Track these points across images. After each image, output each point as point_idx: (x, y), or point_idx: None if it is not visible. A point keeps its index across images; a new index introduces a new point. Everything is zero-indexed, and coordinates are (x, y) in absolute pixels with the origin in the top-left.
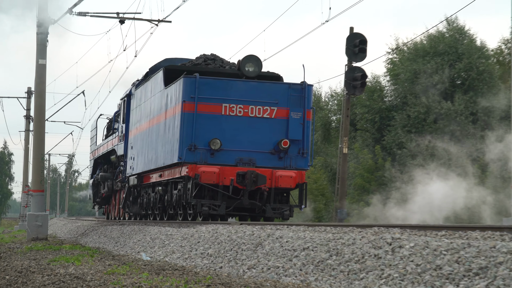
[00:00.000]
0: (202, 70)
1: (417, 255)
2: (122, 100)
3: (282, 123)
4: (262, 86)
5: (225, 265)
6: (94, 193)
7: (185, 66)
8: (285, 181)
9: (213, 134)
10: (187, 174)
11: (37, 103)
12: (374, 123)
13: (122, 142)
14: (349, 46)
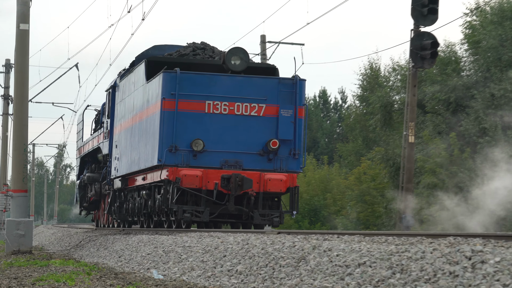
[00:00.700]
0: (188, 62)
1: (504, 273)
2: (107, 91)
3: (272, 121)
4: (249, 81)
5: (258, 285)
6: (81, 197)
7: (169, 58)
8: (274, 184)
9: (195, 134)
10: (167, 177)
11: (18, 80)
12: (448, 104)
13: (107, 139)
14: (416, 5)
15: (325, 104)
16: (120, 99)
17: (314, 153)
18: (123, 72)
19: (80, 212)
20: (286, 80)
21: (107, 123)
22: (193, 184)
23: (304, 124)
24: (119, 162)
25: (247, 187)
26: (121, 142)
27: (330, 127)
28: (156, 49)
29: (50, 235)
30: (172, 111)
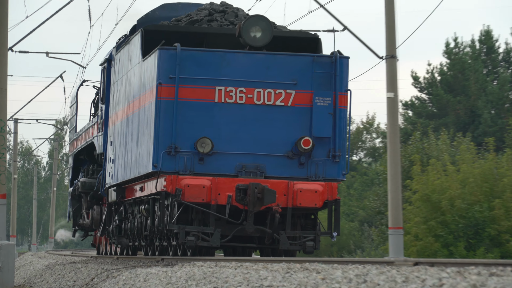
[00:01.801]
0: (200, 32)
1: None
2: (102, 66)
3: (304, 113)
4: (274, 60)
5: None
6: (74, 211)
7: (173, 26)
8: (307, 197)
9: (202, 130)
10: (164, 189)
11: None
12: None
13: (101, 132)
14: None
15: (490, 52)
16: (117, 78)
17: (473, 134)
18: (119, 42)
19: (74, 233)
20: (323, 58)
21: (101, 110)
22: (199, 198)
23: (347, 116)
24: (114, 166)
25: (270, 201)
26: (116, 138)
27: (499, 91)
28: (165, 9)
29: (43, 268)
30: (171, 101)
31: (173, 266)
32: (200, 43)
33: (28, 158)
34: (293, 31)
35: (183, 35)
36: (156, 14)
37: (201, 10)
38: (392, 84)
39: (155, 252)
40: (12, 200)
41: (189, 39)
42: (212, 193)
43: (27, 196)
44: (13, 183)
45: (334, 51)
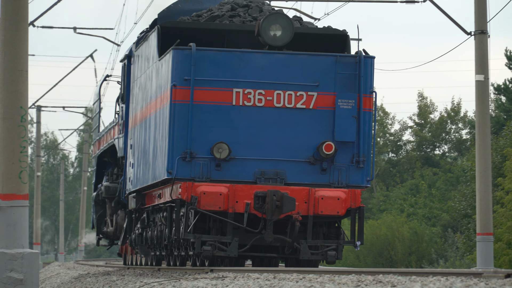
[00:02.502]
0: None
1: None
2: (122, 62)
3: (326, 116)
4: (295, 60)
5: None
6: (98, 218)
7: (192, 22)
8: (329, 205)
9: (218, 135)
10: (179, 196)
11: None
12: None
13: (122, 134)
14: None
15: None
16: (136, 76)
17: None
18: (140, 36)
19: (98, 241)
20: (347, 58)
21: (121, 110)
22: (216, 206)
23: (372, 119)
24: (134, 171)
25: (289, 209)
26: (136, 141)
27: None
28: (188, 1)
29: (72, 281)
30: (186, 104)
31: (224, 279)
32: (221, 41)
33: (54, 152)
34: (319, 28)
35: (202, 32)
36: (179, 7)
37: (223, 4)
38: (482, 65)
39: (176, 262)
40: (36, 202)
41: (209, 36)
42: (230, 201)
43: (53, 197)
44: (37, 182)
45: (359, 51)
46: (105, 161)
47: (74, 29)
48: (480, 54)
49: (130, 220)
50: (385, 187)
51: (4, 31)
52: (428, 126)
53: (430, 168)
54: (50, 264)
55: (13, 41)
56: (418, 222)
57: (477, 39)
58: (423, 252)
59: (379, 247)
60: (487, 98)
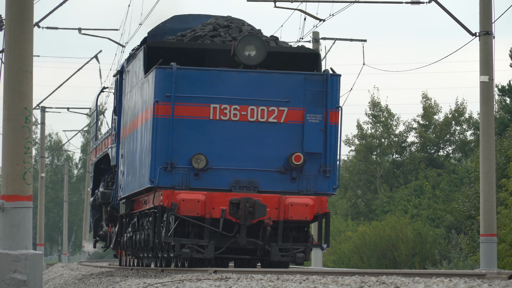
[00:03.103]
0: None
1: None
2: (115, 77)
3: (296, 129)
4: (267, 78)
5: None
6: (95, 221)
7: (175, 42)
8: (298, 211)
9: (197, 147)
10: (161, 203)
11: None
12: None
13: (115, 144)
14: None
15: None
16: (127, 91)
17: None
18: (131, 54)
19: (95, 244)
20: (315, 76)
21: (114, 121)
22: (194, 212)
23: (338, 132)
24: (124, 179)
25: (260, 215)
26: (126, 151)
27: None
28: (176, 21)
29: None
30: (167, 118)
31: (228, 280)
32: (202, 59)
33: (58, 153)
34: (293, 48)
35: (185, 51)
36: (167, 26)
37: (206, 25)
38: (487, 66)
39: (162, 263)
40: (40, 203)
41: (191, 55)
42: (207, 207)
43: (57, 198)
44: (41, 183)
45: (326, 69)
46: (102, 168)
47: (79, 30)
48: (484, 55)
49: (121, 224)
50: (389, 188)
51: (10, 32)
52: (432, 127)
53: (434, 169)
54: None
55: (18, 42)
56: (422, 223)
57: (482, 40)
58: (427, 253)
59: (382, 248)
60: (491, 99)
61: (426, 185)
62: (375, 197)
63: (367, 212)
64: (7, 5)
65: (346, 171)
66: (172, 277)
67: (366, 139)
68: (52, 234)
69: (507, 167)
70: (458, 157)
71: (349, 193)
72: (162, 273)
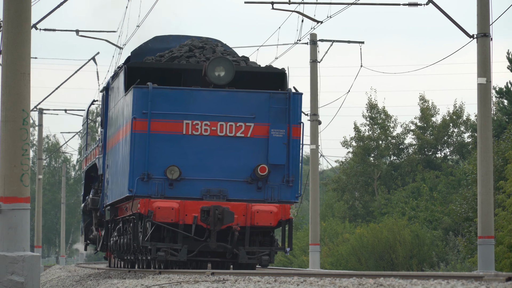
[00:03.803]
0: (178, 68)
1: None
2: (102, 93)
3: (261, 143)
4: (235, 97)
5: None
6: (86, 225)
7: (153, 63)
8: (263, 217)
9: (171, 159)
10: (138, 210)
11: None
12: None
13: (101, 154)
14: None
15: None
16: (112, 106)
17: None
18: (115, 71)
19: (86, 246)
20: (279, 94)
21: (101, 134)
22: (169, 218)
23: (300, 145)
24: (109, 187)
25: (228, 221)
26: (110, 162)
27: None
28: (157, 41)
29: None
30: (144, 133)
31: (225, 282)
32: (178, 78)
33: (55, 155)
34: (261, 67)
35: (163, 71)
36: (149, 46)
37: (183, 46)
38: (484, 68)
39: (143, 266)
40: (37, 205)
41: (168, 74)
42: (180, 214)
43: (54, 200)
44: (38, 185)
45: (289, 88)
46: (92, 176)
47: (76, 31)
48: (482, 57)
49: (107, 229)
50: (386, 190)
51: (7, 34)
52: (430, 129)
53: (431, 171)
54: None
55: (15, 44)
56: (420, 225)
57: (479, 42)
58: (424, 255)
59: (380, 250)
60: (489, 101)
61: (423, 187)
62: (373, 199)
63: (365, 214)
64: (5, 7)
65: (343, 173)
66: (170, 279)
67: (364, 141)
68: (50, 236)
69: (505, 169)
70: (455, 159)
71: (347, 195)
72: (160, 275)
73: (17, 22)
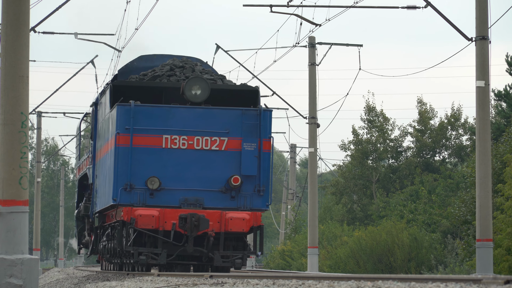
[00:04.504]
0: (160, 87)
1: None
2: (91, 107)
3: (234, 156)
4: (210, 113)
5: None
6: (79, 231)
7: (137, 82)
8: (236, 224)
9: (152, 171)
10: (122, 218)
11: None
12: None
13: (91, 165)
14: None
15: None
16: (100, 120)
17: None
18: (104, 88)
19: (79, 250)
20: (250, 111)
21: (91, 146)
22: (149, 225)
23: (270, 158)
24: (98, 196)
25: (204, 227)
26: (98, 173)
27: None
28: (142, 60)
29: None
30: (127, 147)
31: (224, 285)
32: (160, 95)
33: (54, 158)
34: (235, 85)
35: (145, 89)
36: (134, 65)
37: (164, 65)
38: (483, 71)
39: (128, 268)
40: (36, 208)
41: (150, 92)
42: (160, 221)
43: (53, 203)
44: (37, 188)
45: (259, 106)
46: (85, 184)
47: (75, 34)
48: (481, 60)
49: (96, 234)
50: (385, 193)
51: (5, 37)
52: (429, 132)
53: (430, 174)
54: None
55: (14, 47)
56: (418, 228)
57: (478, 45)
58: (423, 258)
59: (378, 253)
60: (487, 104)
61: (422, 190)
62: (371, 202)
63: (363, 217)
64: (3, 10)
65: (342, 177)
66: (168, 281)
67: (362, 144)
68: (48, 239)
69: (503, 172)
70: (454, 162)
71: (345, 199)
72: (158, 278)
73: (16, 25)
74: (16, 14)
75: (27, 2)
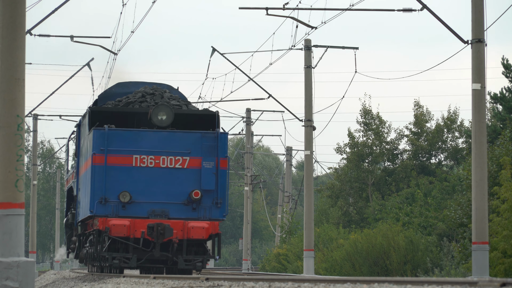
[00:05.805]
0: (132, 112)
1: None
2: (75, 128)
3: (195, 173)
4: (174, 136)
5: None
6: (68, 237)
7: (112, 108)
8: (197, 232)
9: (124, 186)
10: (98, 227)
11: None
12: None
13: (76, 179)
14: None
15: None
16: (82, 141)
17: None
18: (86, 111)
19: (68, 254)
20: (209, 134)
21: (75, 162)
22: (122, 233)
23: (226, 174)
24: (80, 206)
25: (169, 235)
26: (81, 186)
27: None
28: (120, 87)
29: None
30: (102, 166)
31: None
32: (132, 120)
33: (50, 161)
34: (198, 110)
35: (120, 114)
36: (113, 91)
37: (137, 92)
38: (479, 74)
39: (106, 271)
40: (32, 210)
41: (124, 116)
42: (131, 230)
43: (49, 206)
44: (33, 190)
45: (217, 130)
46: (72, 195)
47: (71, 37)
48: (477, 62)
49: (79, 241)
50: (380, 196)
51: (1, 39)
52: (424, 135)
53: (426, 177)
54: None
55: (10, 50)
56: (414, 231)
57: (474, 48)
58: (419, 261)
59: (374, 256)
60: (483, 107)
61: (418, 192)
62: (367, 205)
63: (359, 220)
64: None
65: (337, 179)
66: (164, 284)
67: (358, 147)
68: (44, 242)
69: (499, 175)
70: (450, 165)
71: (341, 201)
72: (154, 280)
73: (12, 27)
74: (12, 16)
75: (23, 4)
